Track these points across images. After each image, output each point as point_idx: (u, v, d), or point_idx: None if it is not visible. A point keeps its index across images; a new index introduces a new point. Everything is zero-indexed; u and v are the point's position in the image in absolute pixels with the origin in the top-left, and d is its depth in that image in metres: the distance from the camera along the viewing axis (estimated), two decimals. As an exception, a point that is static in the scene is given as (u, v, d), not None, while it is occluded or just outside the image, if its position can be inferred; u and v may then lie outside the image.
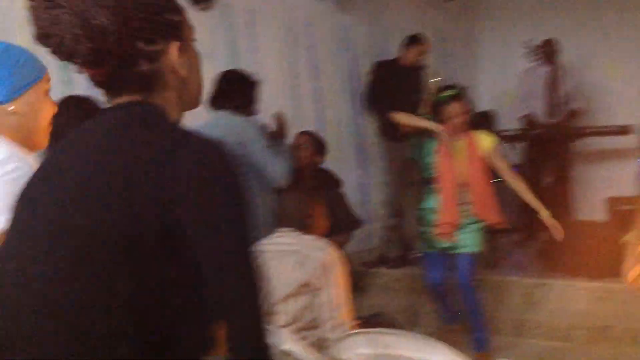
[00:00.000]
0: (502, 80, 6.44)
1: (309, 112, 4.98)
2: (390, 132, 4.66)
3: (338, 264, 2.50)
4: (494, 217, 3.64)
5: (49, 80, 1.56)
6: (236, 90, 3.25)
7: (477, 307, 3.60)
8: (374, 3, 5.54)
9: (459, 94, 3.73)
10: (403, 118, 4.44)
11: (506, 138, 5.70)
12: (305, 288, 2.44)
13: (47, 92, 1.53)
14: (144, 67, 1.07)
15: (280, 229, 2.62)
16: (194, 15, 3.96)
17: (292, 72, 4.88)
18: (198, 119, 3.98)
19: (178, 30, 1.11)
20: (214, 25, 4.33)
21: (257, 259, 1.03)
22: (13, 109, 1.46)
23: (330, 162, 4.37)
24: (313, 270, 2.45)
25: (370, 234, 5.10)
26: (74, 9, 0.99)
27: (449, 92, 3.74)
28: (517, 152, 5.78)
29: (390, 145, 4.91)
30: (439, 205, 3.64)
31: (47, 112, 1.52)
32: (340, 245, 2.88)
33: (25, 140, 1.47)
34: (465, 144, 3.63)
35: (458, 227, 3.60)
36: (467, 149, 3.63)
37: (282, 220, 2.64)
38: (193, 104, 1.18)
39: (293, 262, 2.47)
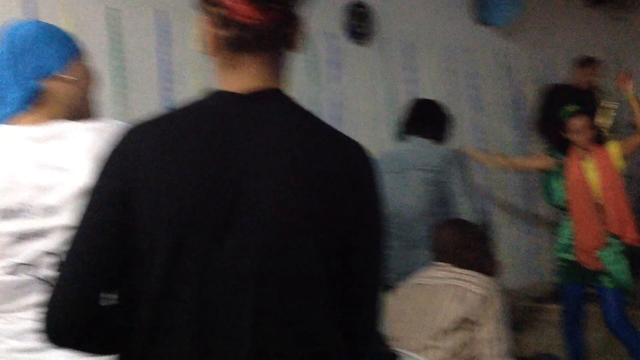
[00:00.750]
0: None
1: (470, 141, 4.88)
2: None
3: (498, 299, 2.42)
4: (632, 234, 3.38)
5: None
6: (431, 119, 3.17)
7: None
8: (538, 27, 5.36)
9: (583, 109, 3.60)
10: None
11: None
12: (464, 323, 2.37)
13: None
14: (294, 30, 1.09)
15: (437, 263, 2.58)
16: (354, 50, 4.04)
17: (453, 101, 4.82)
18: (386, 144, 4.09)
19: None
20: (373, 59, 4.41)
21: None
22: (69, 78, 1.44)
23: (495, 191, 4.25)
24: (472, 305, 2.38)
25: (540, 267, 4.87)
26: None
27: (572, 107, 3.59)
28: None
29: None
30: (575, 230, 3.44)
31: (93, 84, 1.51)
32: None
33: (81, 108, 1.47)
34: (595, 159, 3.45)
35: (599, 250, 3.37)
36: (598, 164, 3.44)
37: (440, 253, 2.59)
38: None
39: (451, 296, 2.41)
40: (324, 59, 4.17)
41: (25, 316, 1.33)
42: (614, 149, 3.52)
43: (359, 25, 4.32)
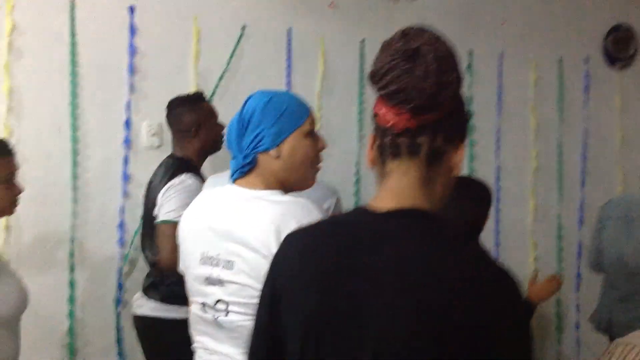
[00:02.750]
0: None
1: None
2: None
3: None
4: None
5: (312, 121, 1.69)
6: None
7: None
8: None
9: None
10: None
11: None
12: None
13: (308, 133, 1.66)
14: (439, 141, 1.10)
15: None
16: (608, 76, 3.91)
17: None
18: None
19: (463, 141, 1.16)
20: (631, 85, 4.18)
21: None
22: (276, 155, 1.62)
23: None
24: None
25: None
26: (437, 54, 1.06)
27: None
28: None
29: None
30: None
31: (309, 151, 1.66)
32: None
33: (288, 180, 1.65)
34: None
35: None
36: None
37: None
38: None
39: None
40: (576, 84, 4.06)
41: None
42: None
43: (618, 49, 4.12)
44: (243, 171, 1.66)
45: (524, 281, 3.53)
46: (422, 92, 1.05)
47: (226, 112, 3.08)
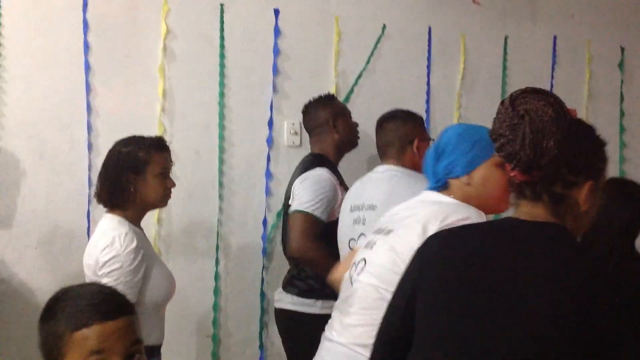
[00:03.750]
0: None
1: None
2: None
3: None
4: None
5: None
6: None
7: None
8: None
9: None
10: None
11: None
12: None
13: (500, 164, 1.66)
14: (558, 189, 1.27)
15: None
16: None
17: None
18: None
19: (598, 175, 1.31)
20: None
21: None
22: (467, 181, 1.75)
23: None
24: None
25: None
26: (533, 127, 1.23)
27: None
28: None
29: None
30: None
31: (500, 182, 1.72)
32: None
33: (478, 206, 1.73)
34: None
35: None
36: None
37: None
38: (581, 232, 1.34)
39: None
40: None
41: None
42: None
43: None
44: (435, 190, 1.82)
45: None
46: (520, 158, 1.24)
47: (364, 111, 3.12)
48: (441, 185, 1.78)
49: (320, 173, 2.71)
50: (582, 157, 1.29)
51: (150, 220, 2.90)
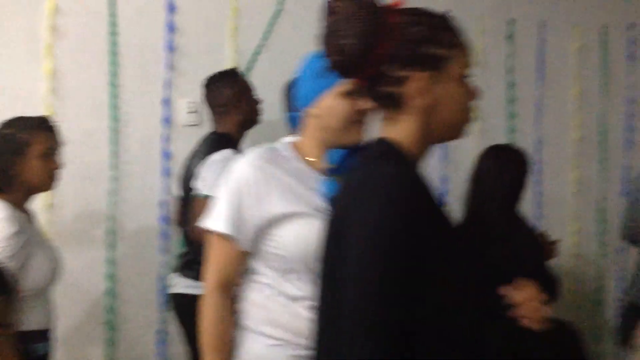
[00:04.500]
0: None
1: None
2: None
3: None
4: None
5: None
6: None
7: None
8: None
9: None
10: None
11: None
12: None
13: (344, 93, 1.64)
14: (388, 87, 1.23)
15: None
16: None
17: None
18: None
19: (436, 63, 1.23)
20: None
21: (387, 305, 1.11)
22: (315, 112, 1.65)
23: None
24: None
25: None
26: (334, 28, 1.22)
27: None
28: None
29: None
30: None
31: (344, 112, 1.63)
32: None
33: (326, 138, 1.67)
34: None
35: None
36: None
37: None
38: (444, 135, 1.30)
39: None
40: (619, 51, 3.95)
41: None
42: None
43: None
44: (293, 131, 1.75)
45: (565, 254, 3.50)
46: (334, 63, 1.26)
47: (263, 88, 3.10)
48: (295, 124, 1.72)
49: (227, 156, 2.65)
50: (396, 47, 1.21)
51: (40, 203, 2.80)
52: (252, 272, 1.67)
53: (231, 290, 1.66)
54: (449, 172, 3.59)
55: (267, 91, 2.95)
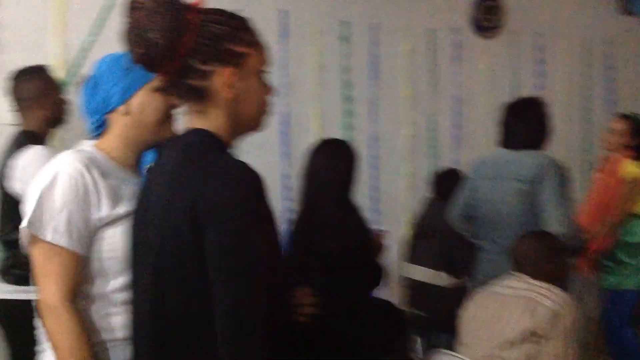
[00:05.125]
0: None
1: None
2: None
3: (570, 315, 2.43)
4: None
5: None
6: (529, 125, 3.01)
7: None
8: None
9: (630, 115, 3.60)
10: None
11: None
12: (532, 336, 2.41)
13: (157, 89, 1.58)
14: (194, 81, 1.30)
15: (515, 273, 2.62)
16: (478, 45, 4.03)
17: (585, 96, 4.66)
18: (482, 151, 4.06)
19: (236, 59, 1.32)
20: (499, 53, 4.37)
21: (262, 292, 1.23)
22: (125, 111, 1.61)
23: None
24: (542, 318, 2.41)
25: None
26: (137, 23, 1.28)
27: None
28: None
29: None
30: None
31: (158, 107, 1.62)
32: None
33: (139, 136, 1.64)
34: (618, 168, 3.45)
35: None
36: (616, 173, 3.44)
37: (519, 263, 2.63)
38: (247, 127, 1.39)
39: (523, 308, 2.45)
40: (447, 53, 4.21)
41: None
42: (633, 171, 3.47)
43: (487, 18, 4.30)
44: (97, 134, 1.65)
45: (399, 243, 3.67)
46: (137, 56, 1.34)
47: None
48: (101, 125, 1.65)
49: (39, 153, 2.53)
50: (203, 43, 1.29)
51: None
52: (84, 279, 1.59)
53: (76, 300, 1.55)
54: (290, 169, 3.66)
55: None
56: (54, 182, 1.53)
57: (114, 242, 1.54)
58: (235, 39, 1.32)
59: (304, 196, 2.76)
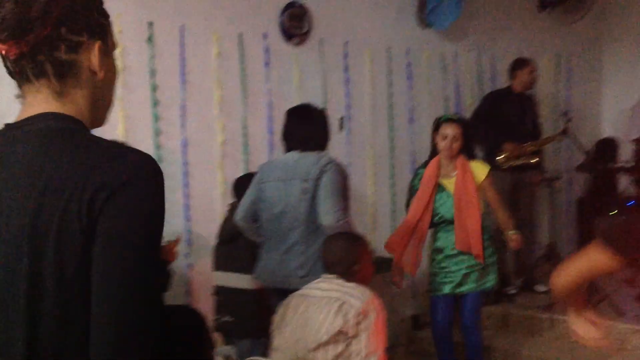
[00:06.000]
0: (627, 106, 6.03)
1: (406, 142, 4.95)
2: (493, 162, 4.56)
3: (376, 312, 2.49)
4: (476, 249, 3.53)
5: None
6: (308, 125, 3.20)
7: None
8: (482, 30, 5.41)
9: (457, 117, 3.74)
10: (508, 147, 4.56)
11: (624, 170, 5.37)
12: (340, 336, 2.45)
13: None
14: (63, 53, 1.09)
15: (325, 275, 2.65)
16: (287, 51, 4.05)
17: (388, 103, 4.87)
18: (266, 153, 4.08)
19: (103, 34, 1.14)
20: (307, 60, 4.43)
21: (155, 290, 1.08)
22: None
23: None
24: (350, 318, 2.45)
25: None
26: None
27: (449, 115, 3.78)
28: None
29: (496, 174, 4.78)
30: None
31: None
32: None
33: None
34: (458, 172, 3.56)
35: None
36: (459, 177, 3.56)
37: (328, 265, 2.66)
38: (100, 119, 1.19)
39: (334, 309, 2.48)
40: (257, 59, 4.19)
41: None
42: (479, 172, 3.60)
43: (294, 25, 4.34)
44: None
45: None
46: (8, 20, 1.06)
47: None
48: None
49: None
50: (76, 9, 1.10)
51: None
52: None
53: None
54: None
55: None
56: None
57: None
58: (100, 11, 1.15)
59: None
